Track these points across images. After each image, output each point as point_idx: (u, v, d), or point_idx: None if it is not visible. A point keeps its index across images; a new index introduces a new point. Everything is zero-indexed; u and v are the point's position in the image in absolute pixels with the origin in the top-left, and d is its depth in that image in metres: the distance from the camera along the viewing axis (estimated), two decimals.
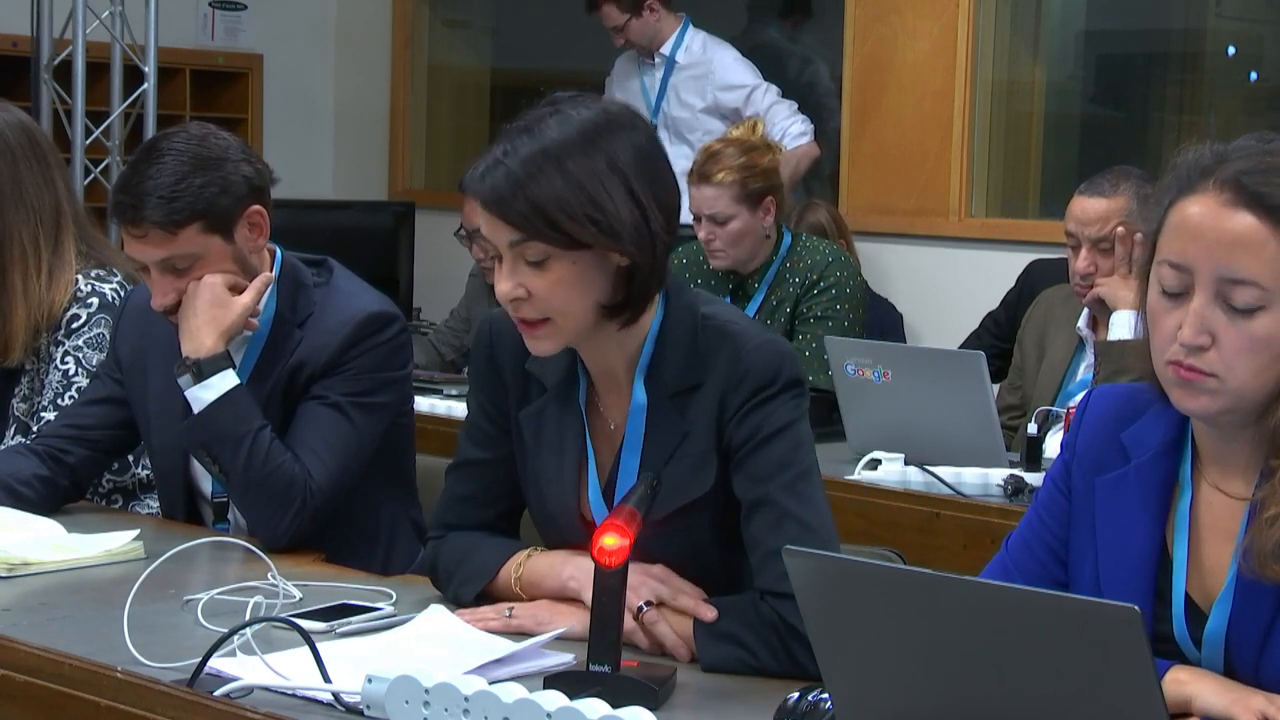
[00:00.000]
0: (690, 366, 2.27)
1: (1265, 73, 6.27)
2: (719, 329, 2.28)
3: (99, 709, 2.01)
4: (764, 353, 2.25)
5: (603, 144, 2.18)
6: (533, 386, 2.38)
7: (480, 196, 2.17)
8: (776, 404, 2.24)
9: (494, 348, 2.41)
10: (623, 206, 2.17)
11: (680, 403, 2.28)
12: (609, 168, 2.17)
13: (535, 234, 2.16)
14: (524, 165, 2.15)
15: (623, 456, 2.31)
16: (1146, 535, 1.99)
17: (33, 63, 6.32)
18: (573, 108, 2.21)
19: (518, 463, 2.41)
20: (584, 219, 2.15)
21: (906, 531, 3.42)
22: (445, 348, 5.45)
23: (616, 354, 2.31)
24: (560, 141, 2.16)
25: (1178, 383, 1.90)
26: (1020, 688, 1.56)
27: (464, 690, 1.81)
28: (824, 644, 1.68)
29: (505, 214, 2.16)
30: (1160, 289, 1.92)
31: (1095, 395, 2.12)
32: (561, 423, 2.35)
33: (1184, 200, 1.91)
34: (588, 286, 2.20)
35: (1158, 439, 2.02)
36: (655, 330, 2.30)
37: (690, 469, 2.27)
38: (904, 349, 4.74)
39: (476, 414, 2.45)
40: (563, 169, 2.15)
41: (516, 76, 8.17)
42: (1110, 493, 2.03)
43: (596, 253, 2.19)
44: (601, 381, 2.35)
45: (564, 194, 2.14)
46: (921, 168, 6.16)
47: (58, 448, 2.97)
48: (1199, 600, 1.97)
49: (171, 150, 2.78)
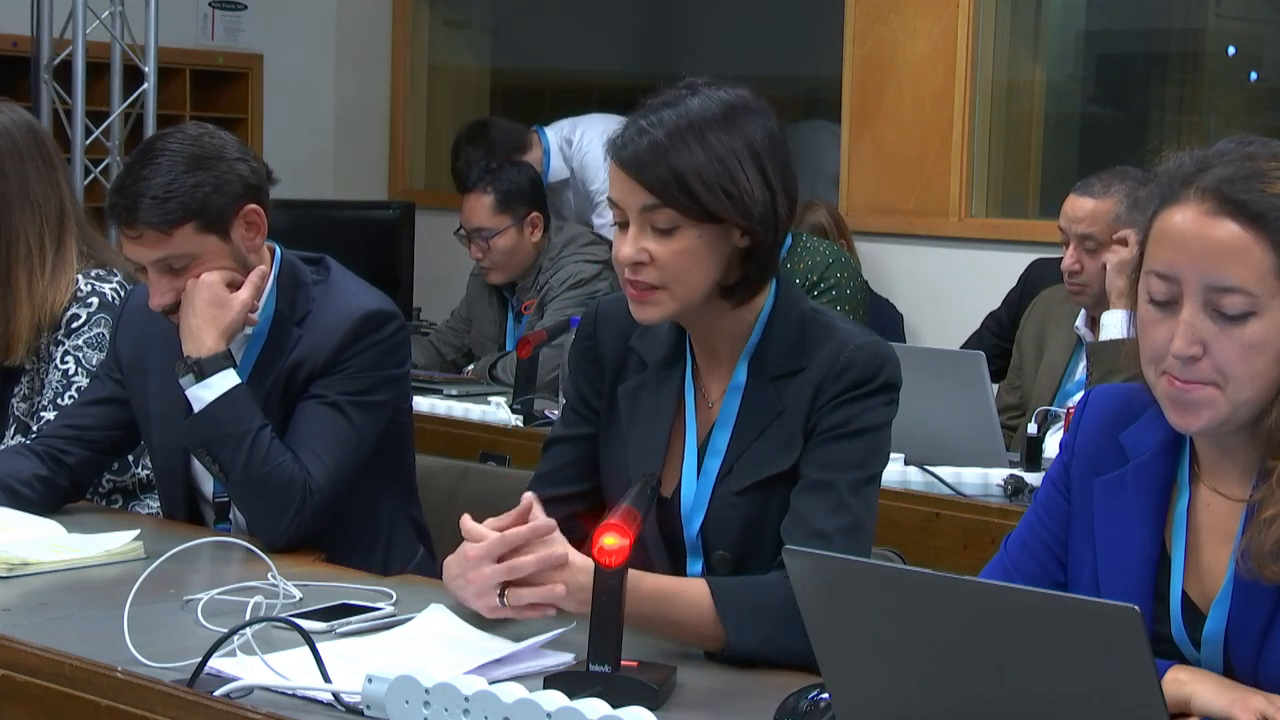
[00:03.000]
0: (795, 352, 2.34)
1: (1265, 73, 6.26)
2: (827, 323, 2.36)
3: (99, 709, 2.01)
4: (868, 351, 2.32)
5: (741, 124, 2.26)
6: (632, 363, 2.44)
7: (622, 159, 2.25)
8: (870, 403, 2.31)
9: (597, 327, 2.48)
10: (756, 185, 2.25)
11: (780, 385, 2.33)
12: (746, 147, 2.25)
13: (670, 200, 2.23)
14: (669, 134, 2.23)
15: (715, 431, 2.37)
16: (1145, 536, 2.00)
17: (33, 63, 6.32)
18: (710, 89, 2.29)
19: (605, 438, 2.45)
20: (719, 191, 2.23)
21: (906, 531, 3.42)
22: (446, 348, 5.45)
23: (725, 333, 2.37)
24: (704, 116, 2.24)
25: (1174, 401, 1.90)
26: (1020, 688, 1.56)
27: (464, 690, 1.81)
28: (824, 644, 1.68)
29: (644, 178, 2.23)
30: (1149, 299, 1.92)
31: (1093, 396, 2.13)
32: (658, 397, 2.41)
33: (1168, 209, 1.91)
34: (708, 261, 2.26)
35: (1155, 440, 2.02)
36: (766, 316, 2.36)
37: (777, 446, 2.32)
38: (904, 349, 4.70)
39: (570, 394, 2.52)
40: (704, 142, 2.23)
41: (516, 76, 8.17)
42: (1109, 494, 2.03)
43: (722, 229, 2.26)
44: (705, 359, 2.41)
45: (704, 165, 2.22)
46: (921, 168, 6.16)
47: (57, 448, 2.97)
48: (1197, 601, 1.97)
49: (166, 151, 2.78)
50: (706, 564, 2.37)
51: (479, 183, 5.20)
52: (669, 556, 2.39)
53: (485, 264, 5.18)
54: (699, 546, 2.37)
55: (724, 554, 2.35)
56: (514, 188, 5.20)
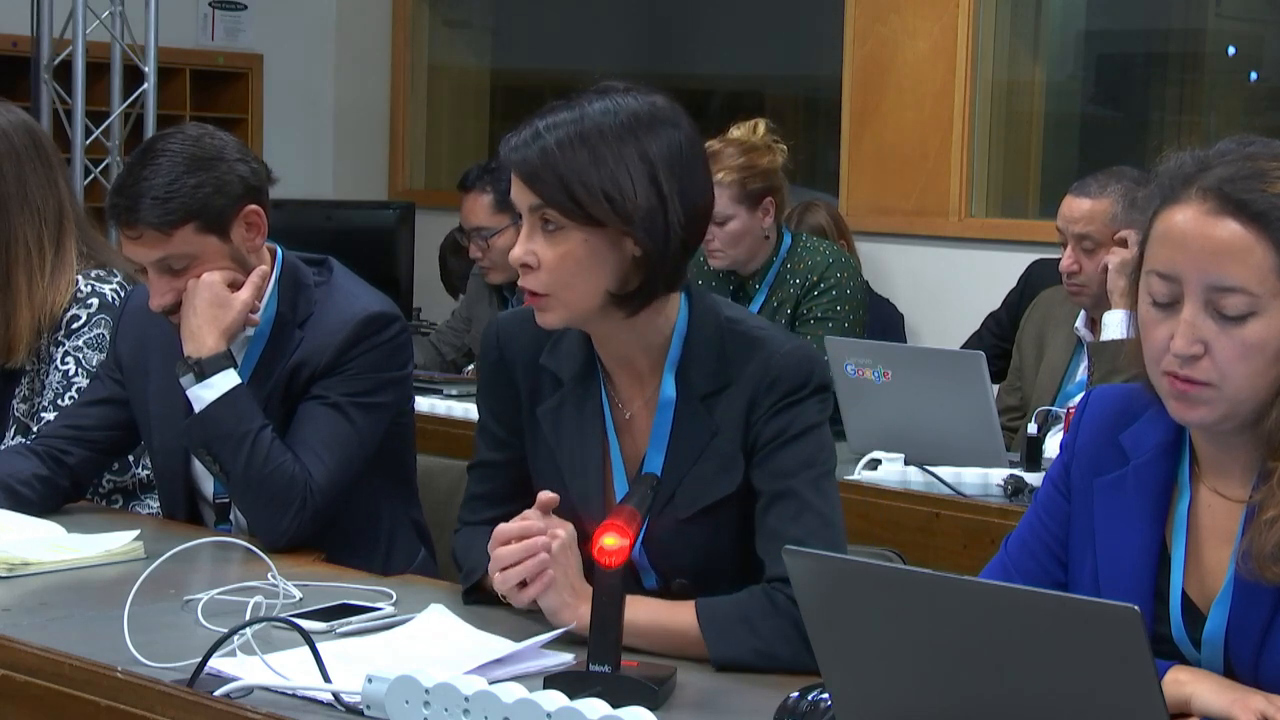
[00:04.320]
0: (719, 368, 2.33)
1: (1265, 73, 6.26)
2: (746, 334, 2.34)
3: (99, 709, 2.01)
4: (795, 358, 2.31)
5: (639, 133, 2.25)
6: (546, 382, 2.42)
7: (513, 161, 2.28)
8: (805, 406, 2.30)
9: (503, 349, 2.46)
10: (641, 192, 2.23)
11: (710, 403, 2.33)
12: (638, 155, 2.24)
13: (552, 201, 2.24)
14: (558, 139, 2.24)
15: (649, 452, 2.35)
16: (1145, 536, 2.00)
17: (33, 63, 6.32)
18: (621, 95, 2.29)
19: (534, 459, 2.44)
20: (600, 195, 2.22)
21: (906, 531, 3.42)
22: (446, 348, 5.45)
23: (635, 344, 2.35)
24: (598, 124, 2.25)
25: (1174, 395, 1.90)
26: (1020, 688, 1.56)
27: (464, 690, 1.81)
28: (824, 644, 1.68)
29: (529, 179, 2.26)
30: (1150, 299, 1.92)
31: (1094, 396, 2.13)
32: (582, 415, 2.39)
33: (1168, 209, 1.91)
34: (596, 268, 2.26)
35: (1156, 441, 2.02)
36: (683, 328, 2.35)
37: (717, 468, 2.32)
38: (904, 349, 4.74)
39: (486, 417, 2.50)
40: (592, 148, 2.23)
41: (516, 76, 8.17)
42: (1109, 494, 2.03)
43: (610, 236, 2.25)
44: (617, 372, 2.39)
45: (587, 170, 2.23)
46: (921, 168, 6.16)
47: (58, 448, 2.97)
48: (1197, 601, 1.97)
49: (166, 151, 2.78)
50: (661, 578, 2.37)
51: (478, 182, 5.17)
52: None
53: (485, 263, 5.16)
54: (646, 563, 2.37)
55: (683, 581, 2.35)
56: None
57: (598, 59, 7.81)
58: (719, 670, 2.16)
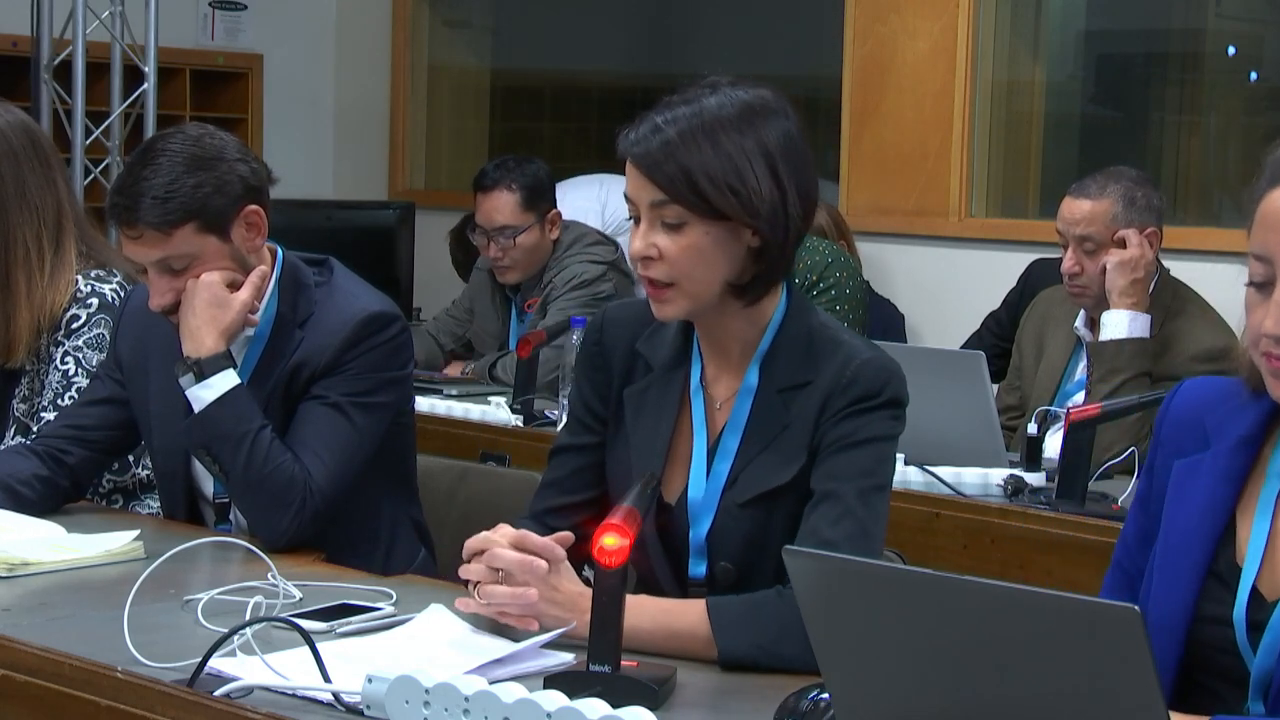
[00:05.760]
0: (803, 364, 2.35)
1: (1265, 73, 6.26)
2: (833, 337, 2.37)
3: (99, 709, 2.01)
4: (873, 366, 2.33)
5: (756, 124, 2.28)
6: (639, 367, 2.45)
7: (634, 156, 2.28)
8: (874, 415, 2.31)
9: (603, 333, 2.49)
10: (764, 185, 2.26)
11: (787, 397, 2.35)
12: (758, 147, 2.26)
13: (677, 197, 2.25)
14: (680, 131, 2.26)
15: (724, 436, 2.37)
16: (1211, 511, 1.97)
17: (33, 63, 6.32)
18: (731, 88, 2.30)
19: (611, 444, 2.46)
20: (725, 189, 2.25)
21: (906, 531, 3.42)
22: (445, 337, 5.41)
23: (736, 335, 2.38)
24: (718, 115, 2.27)
25: (1273, 374, 1.90)
26: (1020, 687, 1.56)
27: (464, 690, 1.81)
28: (824, 644, 1.68)
29: (653, 174, 2.26)
30: (1249, 280, 1.92)
31: (1184, 386, 2.11)
32: (663, 398, 2.42)
33: (1271, 192, 1.91)
34: (718, 259, 2.29)
35: (1243, 429, 2.00)
36: (778, 320, 2.38)
37: (781, 459, 2.33)
38: (904, 349, 4.72)
39: (575, 402, 2.52)
40: (715, 140, 2.25)
41: (516, 76, 8.17)
42: (1185, 475, 2.02)
43: (731, 228, 2.27)
44: (714, 360, 2.41)
45: (712, 163, 2.25)
46: (921, 168, 6.16)
47: (58, 448, 2.97)
48: (1265, 593, 1.94)
49: (166, 151, 2.78)
50: (709, 569, 2.37)
51: (502, 180, 5.09)
52: (669, 560, 2.39)
53: (505, 262, 5.08)
54: (704, 550, 2.37)
55: (727, 565, 2.36)
56: (537, 184, 5.09)
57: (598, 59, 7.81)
58: (724, 669, 2.16)
